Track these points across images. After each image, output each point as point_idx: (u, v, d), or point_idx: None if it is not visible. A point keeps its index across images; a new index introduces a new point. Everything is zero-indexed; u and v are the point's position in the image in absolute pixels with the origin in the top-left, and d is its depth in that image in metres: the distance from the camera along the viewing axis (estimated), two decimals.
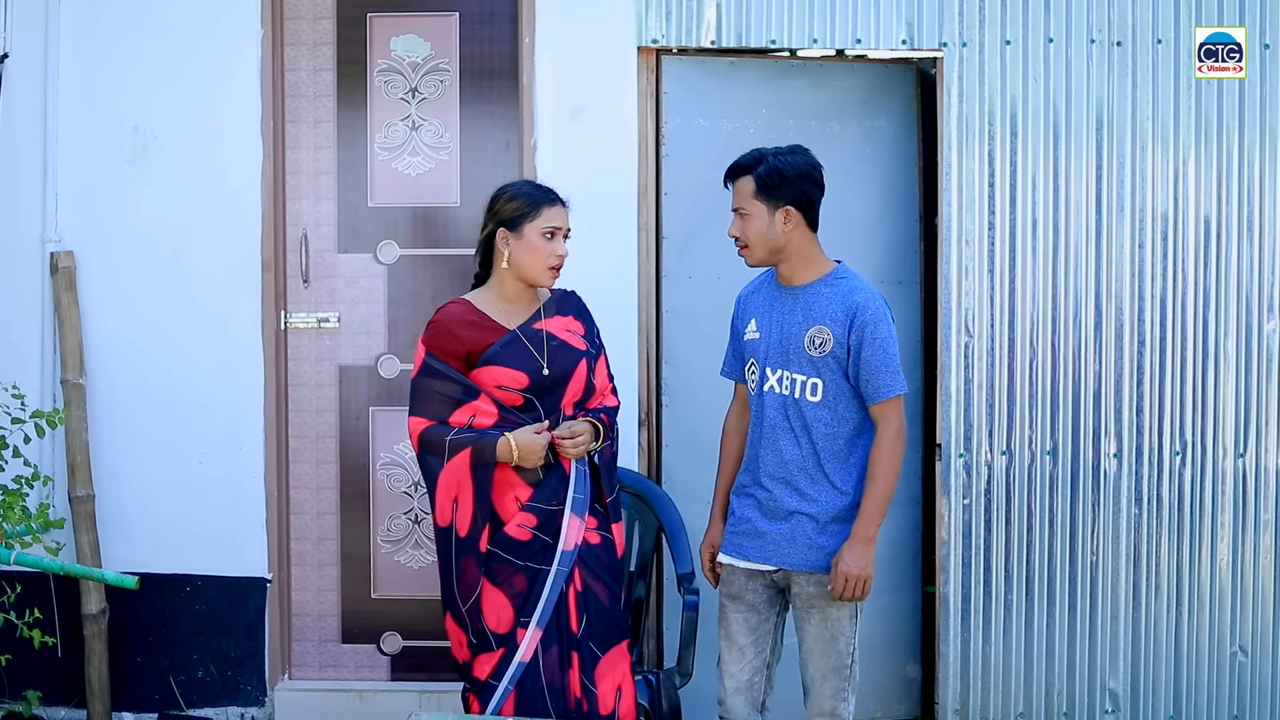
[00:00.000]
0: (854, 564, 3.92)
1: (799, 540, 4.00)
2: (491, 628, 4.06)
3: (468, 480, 4.03)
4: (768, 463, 4.05)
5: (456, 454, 4.02)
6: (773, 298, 4.12)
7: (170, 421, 5.19)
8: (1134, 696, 5.12)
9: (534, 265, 4.09)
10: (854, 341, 3.95)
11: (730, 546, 4.14)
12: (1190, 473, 5.10)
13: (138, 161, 5.18)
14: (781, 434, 4.03)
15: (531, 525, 4.06)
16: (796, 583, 4.04)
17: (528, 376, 4.06)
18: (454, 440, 4.02)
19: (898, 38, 5.09)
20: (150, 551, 5.19)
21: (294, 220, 5.28)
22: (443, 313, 4.14)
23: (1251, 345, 5.08)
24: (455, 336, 4.07)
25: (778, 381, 4.04)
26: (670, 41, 5.10)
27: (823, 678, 4.05)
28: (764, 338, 4.09)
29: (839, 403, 4.00)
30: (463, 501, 4.04)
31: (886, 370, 3.96)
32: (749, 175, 4.03)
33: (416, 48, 5.25)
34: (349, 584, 5.33)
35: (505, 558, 4.06)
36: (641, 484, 4.87)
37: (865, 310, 3.97)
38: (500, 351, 4.06)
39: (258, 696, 5.25)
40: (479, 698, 4.08)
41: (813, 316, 4.00)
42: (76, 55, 5.17)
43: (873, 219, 5.34)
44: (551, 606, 4.06)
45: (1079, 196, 5.07)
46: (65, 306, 5.12)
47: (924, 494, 5.40)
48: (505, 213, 4.10)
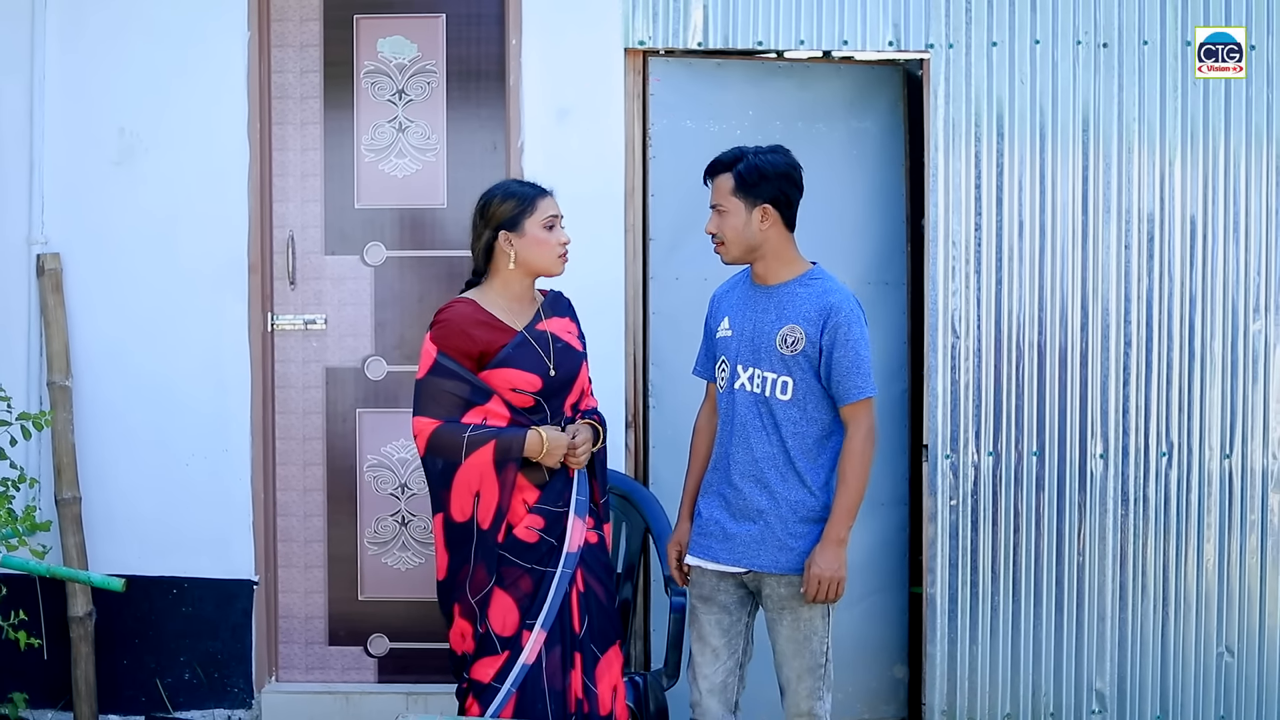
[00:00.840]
0: (826, 566, 3.93)
1: (769, 542, 4.00)
2: (497, 630, 4.05)
3: (491, 474, 4.01)
4: (739, 460, 4.05)
5: (477, 449, 3.99)
6: (746, 297, 4.12)
7: (157, 423, 5.18)
8: (1120, 697, 5.13)
9: (544, 257, 4.11)
10: (826, 342, 3.96)
11: (698, 548, 4.13)
12: (1176, 474, 5.11)
13: (124, 163, 5.17)
14: (753, 431, 4.03)
15: (539, 527, 4.06)
16: (768, 585, 4.04)
17: (540, 379, 4.07)
18: (473, 436, 3.99)
19: (884, 39, 5.09)
20: (137, 554, 5.19)
21: (281, 222, 5.28)
22: (451, 312, 4.10)
23: (1237, 346, 5.09)
24: (468, 336, 4.04)
25: (749, 379, 4.04)
26: (657, 43, 5.10)
27: (798, 678, 4.05)
28: (736, 335, 4.09)
29: (809, 402, 4.00)
30: (485, 494, 4.02)
31: (858, 372, 3.96)
32: (728, 172, 4.04)
33: (403, 49, 5.25)
34: (336, 586, 5.33)
35: (514, 561, 4.05)
36: (628, 485, 4.87)
37: (839, 311, 3.97)
38: (513, 353, 4.06)
39: (244, 699, 5.24)
40: (479, 700, 4.06)
41: (786, 315, 4.00)
42: (63, 56, 5.17)
43: (859, 220, 5.34)
44: (556, 608, 4.06)
45: (1065, 198, 5.07)
46: (51, 308, 5.11)
47: (911, 495, 5.41)
48: (502, 215, 4.10)
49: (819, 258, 4.19)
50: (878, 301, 5.32)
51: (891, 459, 5.37)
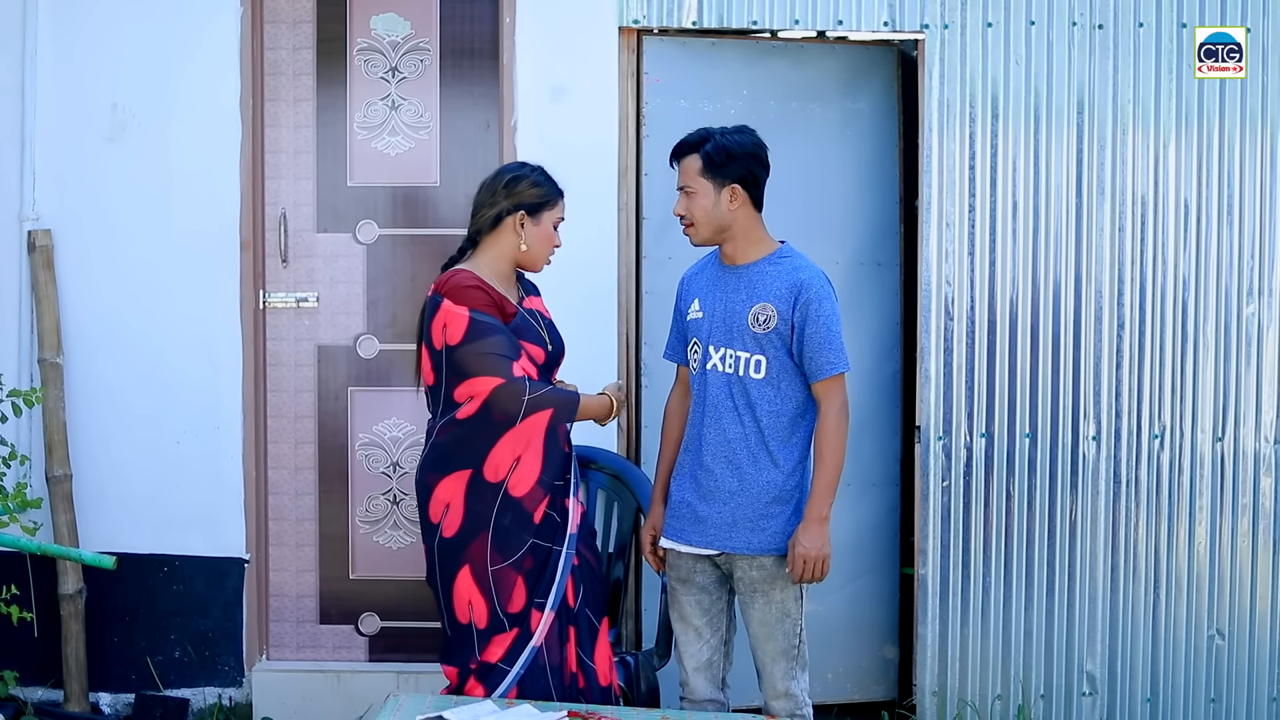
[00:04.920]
0: (811, 545, 3.93)
1: (740, 524, 4.00)
2: (504, 609, 4.06)
3: (540, 439, 4.05)
4: (711, 441, 4.04)
5: (535, 413, 4.03)
6: (716, 278, 4.12)
7: (148, 401, 5.17)
8: (1111, 678, 5.14)
9: (543, 253, 4.19)
10: (798, 319, 3.95)
11: (672, 531, 4.13)
12: (1169, 456, 5.11)
13: (116, 139, 5.15)
14: (725, 412, 4.03)
15: (545, 505, 4.10)
16: (739, 567, 4.04)
17: (543, 351, 4.14)
18: (534, 399, 4.01)
19: (879, 19, 5.08)
20: (128, 531, 5.18)
21: (273, 199, 5.26)
22: (462, 276, 4.08)
23: (1231, 329, 5.09)
24: (489, 296, 4.06)
25: (720, 360, 4.04)
26: (651, 22, 5.08)
27: (772, 660, 4.06)
28: (707, 316, 4.09)
29: (782, 380, 4.00)
30: (527, 459, 4.04)
31: (829, 347, 3.96)
32: (695, 153, 4.03)
33: (396, 26, 5.23)
34: (327, 564, 5.32)
35: (529, 539, 4.07)
36: (620, 465, 4.86)
37: (809, 288, 3.97)
38: (522, 325, 4.11)
39: (235, 677, 5.24)
40: (484, 682, 4.06)
41: (757, 294, 4.00)
42: (55, 32, 5.14)
43: (853, 201, 5.33)
44: (563, 589, 4.09)
45: (1059, 179, 5.07)
46: (43, 285, 5.09)
47: (903, 476, 5.41)
48: (529, 197, 4.14)
49: (812, 238, 4.20)
50: (871, 282, 5.32)
51: (883, 440, 5.37)
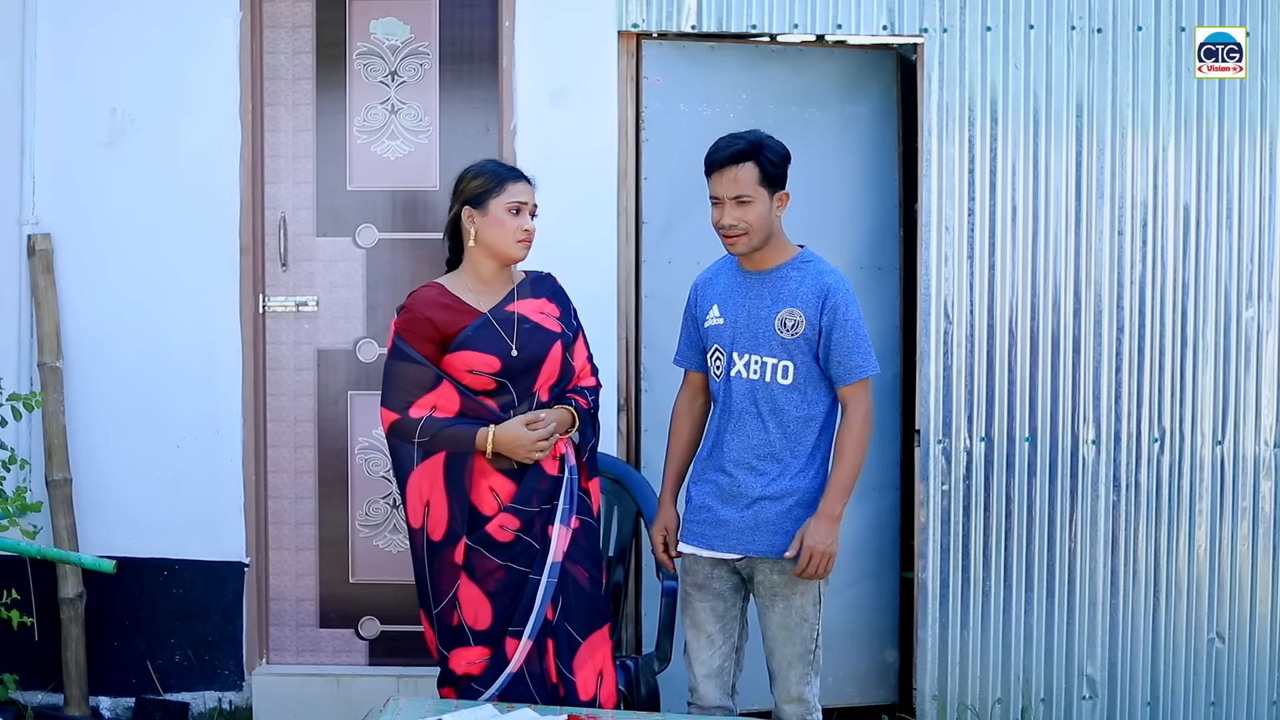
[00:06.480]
0: (820, 540, 3.91)
1: (763, 528, 3.99)
2: (469, 624, 4.03)
3: (440, 484, 4.00)
4: (733, 446, 4.03)
5: (429, 458, 4.00)
6: (736, 283, 4.10)
7: (148, 405, 5.17)
8: (1111, 682, 5.13)
9: (501, 240, 4.06)
10: (825, 323, 3.95)
11: (692, 535, 4.12)
12: (1169, 460, 5.11)
13: (115, 144, 5.15)
14: (749, 419, 4.02)
15: (515, 528, 4.03)
16: (760, 570, 4.03)
17: (499, 360, 4.02)
18: (424, 443, 3.98)
19: (878, 23, 5.08)
20: (128, 535, 5.18)
21: (272, 203, 5.26)
22: (415, 297, 4.10)
23: (1230, 333, 5.09)
24: (428, 320, 4.03)
25: (745, 366, 4.03)
26: (651, 26, 5.08)
27: (788, 665, 4.05)
28: (729, 323, 4.07)
29: (809, 385, 3.99)
30: (435, 505, 4.01)
31: (858, 351, 3.97)
32: (751, 161, 3.97)
33: (396, 30, 5.24)
34: (327, 568, 5.32)
35: (485, 554, 4.02)
36: (620, 469, 4.86)
37: (836, 292, 3.97)
38: (472, 335, 4.03)
39: (235, 681, 5.24)
40: (456, 691, 4.04)
41: (783, 299, 3.99)
42: (54, 37, 5.14)
43: (852, 205, 5.33)
44: (543, 615, 4.03)
45: (1059, 183, 5.07)
46: (42, 289, 5.09)
47: (903, 480, 5.41)
48: (470, 190, 4.09)
49: (812, 242, 4.18)
50: (870, 286, 5.32)
51: (883, 444, 5.37)
